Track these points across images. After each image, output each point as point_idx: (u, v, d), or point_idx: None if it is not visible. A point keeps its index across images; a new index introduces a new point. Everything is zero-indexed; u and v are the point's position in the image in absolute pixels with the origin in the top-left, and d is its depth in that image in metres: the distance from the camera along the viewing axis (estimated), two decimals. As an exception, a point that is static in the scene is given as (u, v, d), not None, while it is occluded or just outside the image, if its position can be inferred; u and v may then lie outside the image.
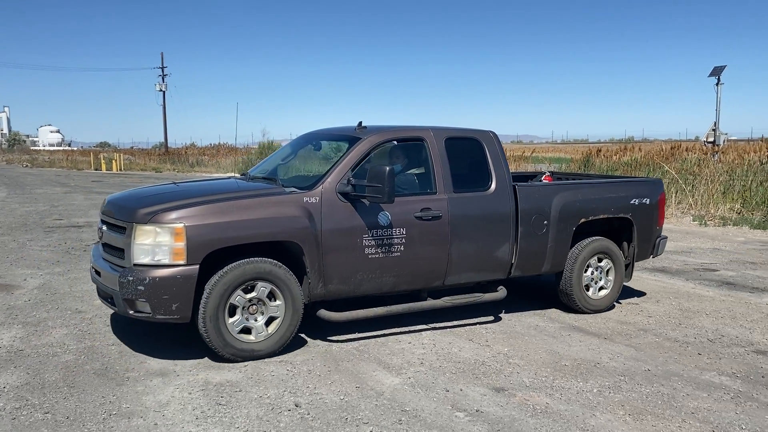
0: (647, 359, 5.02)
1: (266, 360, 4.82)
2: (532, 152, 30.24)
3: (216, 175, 31.75)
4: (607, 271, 6.44)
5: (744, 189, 14.42)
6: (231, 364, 4.72)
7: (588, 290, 6.32)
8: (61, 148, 72.25)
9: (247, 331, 4.80)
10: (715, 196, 14.77)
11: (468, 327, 5.76)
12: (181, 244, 4.46)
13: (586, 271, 6.30)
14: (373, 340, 5.35)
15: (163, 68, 48.25)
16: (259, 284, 4.75)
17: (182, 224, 4.49)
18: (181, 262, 4.48)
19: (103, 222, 5.15)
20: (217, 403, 4.06)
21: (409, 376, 4.56)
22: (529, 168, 24.52)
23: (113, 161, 38.92)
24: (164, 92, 48.09)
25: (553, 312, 6.33)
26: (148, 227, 4.53)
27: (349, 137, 5.57)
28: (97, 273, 5.02)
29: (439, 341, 5.35)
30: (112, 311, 5.54)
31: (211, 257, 4.60)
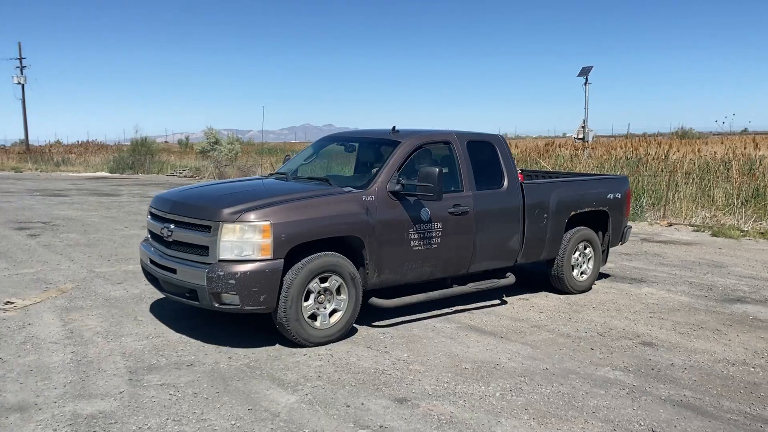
0: (544, 357, 5.03)
1: (145, 384, 4.33)
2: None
3: (85, 174, 29.54)
4: (588, 256, 7.27)
5: (614, 183, 15.25)
6: (104, 392, 4.19)
7: (574, 273, 7.13)
8: None
9: (315, 318, 5.15)
10: (588, 190, 15.55)
11: (367, 334, 5.54)
12: (268, 241, 4.81)
13: (572, 256, 7.10)
14: (265, 354, 4.98)
15: (21, 59, 44.33)
16: (331, 276, 5.17)
17: (268, 222, 4.84)
18: (268, 257, 4.82)
19: (166, 221, 5.33)
20: (87, 440, 3.55)
21: (306, 393, 4.25)
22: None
23: (-36, 160, 35.21)
24: (23, 85, 44.20)
25: (449, 311, 6.24)
26: (235, 225, 4.83)
27: (388, 141, 6.06)
28: (171, 271, 5.15)
29: (336, 351, 5.08)
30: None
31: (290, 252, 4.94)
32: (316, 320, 5.15)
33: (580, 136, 22.48)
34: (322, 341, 5.15)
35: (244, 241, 4.81)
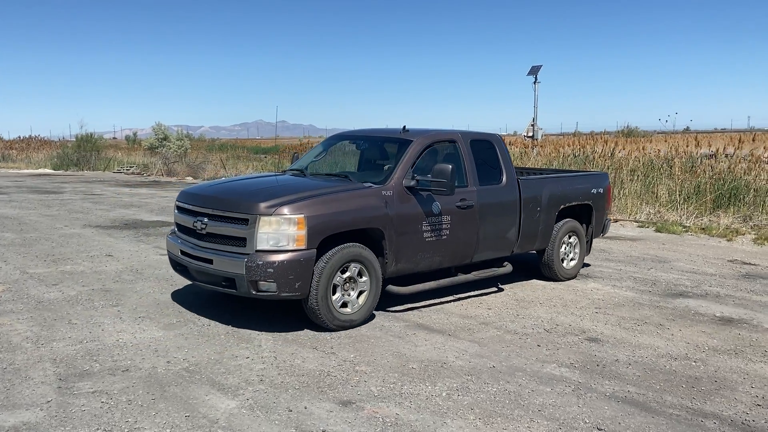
0: (491, 355, 5.00)
1: (76, 392, 4.10)
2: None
3: (26, 171, 28.42)
4: (575, 246, 7.79)
5: (562, 180, 15.46)
6: (30, 401, 3.95)
7: (562, 262, 7.62)
8: None
9: (342, 303, 5.53)
10: (537, 187, 15.71)
11: (313, 335, 5.41)
12: (303, 232, 5.17)
13: (560, 246, 7.59)
14: (205, 357, 4.80)
15: (-45, 50, 42.44)
16: (356, 266, 5.55)
17: (303, 215, 5.20)
18: (303, 247, 5.19)
19: (198, 214, 5.61)
20: (8, 454, 3.33)
21: (247, 398, 4.10)
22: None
23: None
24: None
25: (398, 309, 6.16)
26: (272, 218, 5.17)
27: (401, 139, 6.45)
28: (207, 261, 5.43)
29: (280, 352, 4.94)
30: None
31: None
32: (342, 306, 5.52)
33: (530, 134, 22.76)
34: (347, 325, 5.52)
35: (280, 233, 5.15)
